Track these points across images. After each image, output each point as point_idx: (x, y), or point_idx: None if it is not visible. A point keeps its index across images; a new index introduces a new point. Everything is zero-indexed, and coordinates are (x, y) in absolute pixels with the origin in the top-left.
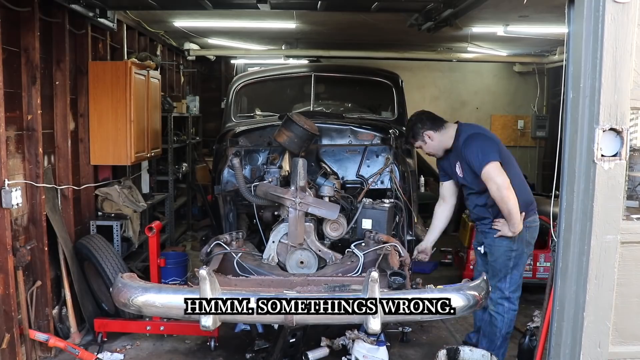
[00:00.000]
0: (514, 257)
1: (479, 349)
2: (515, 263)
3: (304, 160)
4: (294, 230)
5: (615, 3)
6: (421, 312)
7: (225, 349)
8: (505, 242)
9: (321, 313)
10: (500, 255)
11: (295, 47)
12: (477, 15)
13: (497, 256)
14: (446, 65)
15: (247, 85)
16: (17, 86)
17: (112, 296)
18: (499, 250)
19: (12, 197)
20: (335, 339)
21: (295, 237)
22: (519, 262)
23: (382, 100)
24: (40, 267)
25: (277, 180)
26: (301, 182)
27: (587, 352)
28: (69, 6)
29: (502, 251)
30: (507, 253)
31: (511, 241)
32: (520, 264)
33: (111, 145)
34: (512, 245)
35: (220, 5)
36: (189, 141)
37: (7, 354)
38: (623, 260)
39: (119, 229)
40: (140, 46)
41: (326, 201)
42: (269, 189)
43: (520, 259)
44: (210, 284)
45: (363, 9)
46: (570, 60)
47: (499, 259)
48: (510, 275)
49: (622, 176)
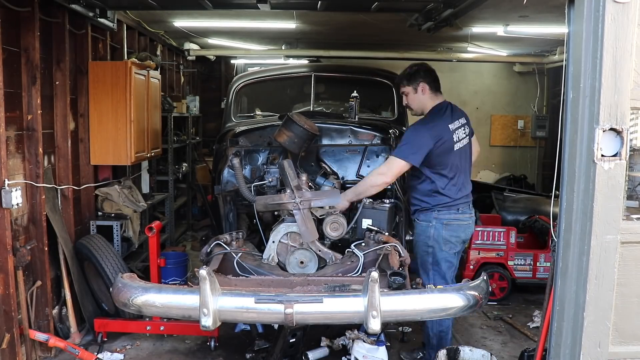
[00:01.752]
0: (431, 253)
1: (478, 349)
2: (435, 260)
3: (289, 161)
4: (305, 229)
5: (615, 3)
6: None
7: (225, 349)
8: (422, 237)
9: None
10: (419, 250)
11: (295, 47)
12: (477, 15)
13: (417, 251)
14: (446, 65)
15: (247, 85)
16: (17, 86)
17: (112, 296)
18: (417, 245)
19: (12, 197)
20: (335, 339)
21: (308, 235)
22: (439, 259)
23: (382, 100)
24: (40, 267)
25: (277, 180)
26: (294, 182)
27: (587, 352)
28: (69, 6)
29: (420, 246)
30: (424, 249)
31: (427, 237)
32: (440, 262)
33: (111, 145)
34: (428, 241)
35: (220, 5)
36: (189, 141)
37: (7, 354)
38: (623, 260)
39: (119, 229)
40: (140, 46)
41: (325, 190)
42: (267, 200)
43: (440, 256)
44: (210, 284)
45: (363, 9)
46: (570, 60)
47: (419, 254)
48: (432, 271)
49: (622, 176)
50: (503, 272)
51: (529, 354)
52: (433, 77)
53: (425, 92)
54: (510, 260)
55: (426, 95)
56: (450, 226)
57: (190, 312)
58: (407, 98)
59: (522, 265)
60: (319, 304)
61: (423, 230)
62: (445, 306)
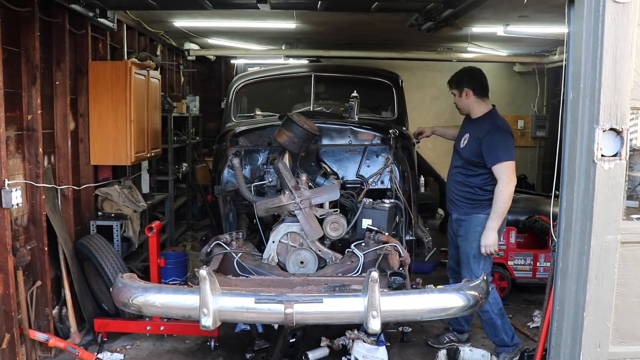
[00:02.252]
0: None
1: (478, 349)
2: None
3: (283, 163)
4: (309, 227)
5: (615, 3)
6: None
7: (225, 349)
8: (479, 228)
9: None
10: (475, 240)
11: (295, 47)
12: (477, 15)
13: (472, 241)
14: (446, 65)
15: (247, 85)
16: (17, 86)
17: (112, 296)
18: (474, 235)
19: (12, 197)
20: (335, 339)
21: (312, 233)
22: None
23: (382, 100)
24: (40, 267)
25: (276, 180)
26: (291, 182)
27: (587, 352)
28: (69, 6)
29: (477, 236)
30: (477, 243)
31: (484, 228)
32: (488, 259)
33: (111, 145)
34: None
35: (220, 5)
36: (189, 141)
37: (7, 354)
38: (623, 260)
39: (119, 229)
40: (140, 46)
41: (323, 186)
42: (268, 205)
43: None
44: (210, 284)
45: (363, 9)
46: (570, 60)
47: (474, 244)
48: (484, 261)
49: (622, 176)
50: (503, 272)
51: (529, 354)
52: (480, 83)
53: (469, 97)
54: (510, 260)
55: (470, 99)
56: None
57: (190, 312)
58: (455, 99)
59: (522, 265)
60: (319, 304)
61: (480, 222)
62: (445, 306)
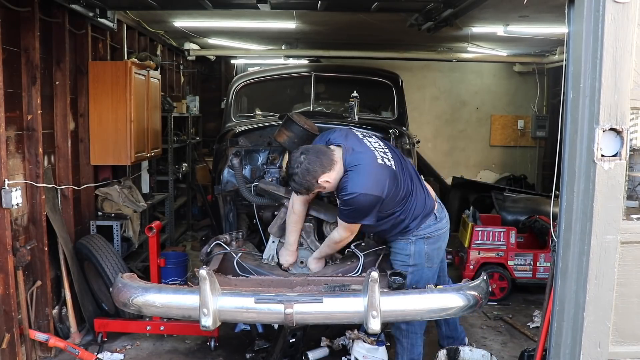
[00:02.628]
0: (410, 272)
1: (478, 349)
2: (415, 279)
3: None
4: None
5: (615, 3)
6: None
7: (225, 349)
8: (399, 257)
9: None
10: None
11: (295, 47)
12: (477, 15)
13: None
14: (446, 65)
15: (247, 85)
16: (17, 86)
17: (112, 296)
18: (395, 264)
19: (12, 197)
20: (335, 339)
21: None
22: (420, 277)
23: (382, 100)
24: (40, 267)
25: (277, 180)
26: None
27: (587, 352)
28: (69, 6)
29: (398, 265)
30: (404, 268)
31: (407, 256)
32: (421, 280)
33: (111, 145)
34: (408, 261)
35: (220, 5)
36: (189, 141)
37: (7, 354)
38: (623, 260)
39: (119, 229)
40: (140, 46)
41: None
42: (278, 222)
43: (420, 273)
44: (210, 284)
45: (363, 9)
46: (570, 60)
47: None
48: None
49: (622, 176)
50: (503, 272)
51: (529, 354)
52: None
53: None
54: (510, 260)
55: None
56: (430, 239)
57: (190, 312)
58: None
59: (522, 265)
60: (319, 304)
61: (402, 248)
62: (445, 306)
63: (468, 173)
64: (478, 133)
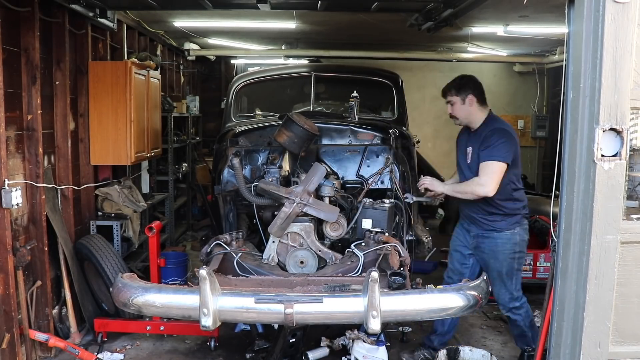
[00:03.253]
0: (517, 258)
1: (478, 349)
2: (520, 264)
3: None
4: (324, 213)
5: (615, 3)
6: (421, 312)
7: (225, 349)
8: (508, 245)
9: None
10: (506, 259)
11: (295, 47)
12: (477, 15)
13: (502, 260)
14: (446, 65)
15: (247, 85)
16: (17, 86)
17: (112, 296)
18: (503, 254)
19: (12, 197)
20: (335, 339)
21: (330, 215)
22: (522, 262)
23: (382, 100)
24: (40, 267)
25: (277, 180)
26: (281, 191)
27: (587, 352)
28: (69, 6)
29: (507, 254)
30: (511, 255)
31: (514, 244)
32: (522, 264)
33: (111, 145)
34: (516, 248)
35: (220, 5)
36: (189, 141)
37: (7, 354)
38: (623, 260)
39: (119, 229)
40: (140, 46)
41: (309, 172)
42: (278, 223)
43: (523, 259)
44: (210, 284)
45: (363, 9)
46: (570, 60)
47: (504, 262)
48: (516, 276)
49: (622, 176)
50: None
51: (529, 354)
52: (481, 89)
53: (473, 105)
54: None
55: (474, 107)
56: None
57: (190, 312)
58: (453, 108)
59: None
60: (319, 304)
61: (508, 239)
62: (445, 306)
63: None
64: None
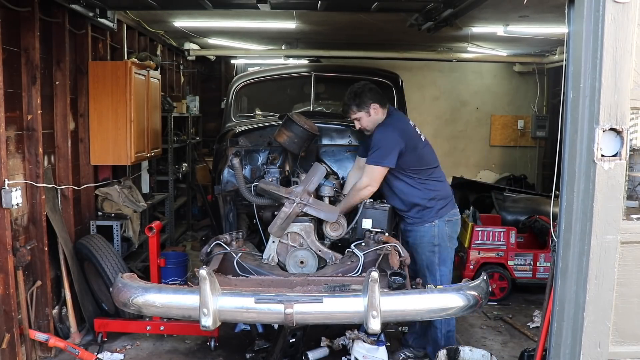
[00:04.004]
0: (437, 252)
1: (478, 349)
2: (442, 258)
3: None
4: (324, 212)
5: (615, 3)
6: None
7: (225, 349)
8: (426, 237)
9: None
10: (424, 252)
11: (295, 47)
12: (477, 15)
13: (421, 252)
14: (446, 65)
15: (247, 85)
16: (17, 86)
17: (112, 296)
18: (422, 247)
19: (12, 197)
20: (335, 339)
21: (330, 215)
22: (446, 257)
23: None
24: (40, 267)
25: (277, 180)
26: (281, 191)
27: (587, 352)
28: (69, 6)
29: (425, 247)
30: (430, 248)
31: (433, 236)
32: (447, 259)
33: (111, 145)
34: (434, 240)
35: (220, 5)
36: (189, 141)
37: (7, 354)
38: (623, 260)
39: (119, 229)
40: (140, 46)
41: (309, 172)
42: (278, 223)
43: (446, 254)
44: (210, 284)
45: (363, 9)
46: (570, 60)
47: (422, 256)
48: (439, 271)
49: (622, 176)
50: (503, 272)
51: (529, 354)
52: (378, 93)
53: (378, 111)
54: (510, 260)
55: (379, 113)
56: (450, 222)
57: (190, 312)
58: (361, 122)
59: (522, 265)
60: (319, 304)
61: (426, 231)
62: (445, 306)
63: (468, 173)
64: (478, 133)
